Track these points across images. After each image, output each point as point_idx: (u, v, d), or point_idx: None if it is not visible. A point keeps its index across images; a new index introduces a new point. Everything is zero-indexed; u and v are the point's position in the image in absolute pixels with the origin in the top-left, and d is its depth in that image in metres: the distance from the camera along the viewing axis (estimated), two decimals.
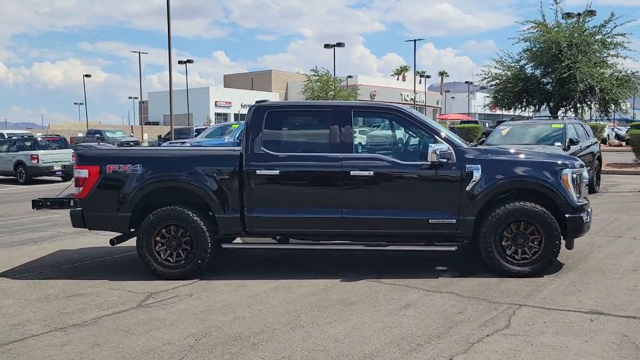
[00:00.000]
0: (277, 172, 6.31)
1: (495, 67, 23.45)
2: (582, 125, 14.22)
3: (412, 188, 6.31)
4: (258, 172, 6.32)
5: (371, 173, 6.24)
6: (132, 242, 7.09)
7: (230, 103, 71.18)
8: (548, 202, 6.24)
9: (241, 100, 71.86)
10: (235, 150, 6.65)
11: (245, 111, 63.73)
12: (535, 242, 6.21)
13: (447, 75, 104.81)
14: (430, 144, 6.15)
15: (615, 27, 21.57)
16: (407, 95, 72.30)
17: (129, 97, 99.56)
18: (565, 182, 6.23)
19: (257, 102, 6.78)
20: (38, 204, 6.94)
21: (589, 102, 22.56)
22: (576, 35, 21.57)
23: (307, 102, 13.80)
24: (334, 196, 6.32)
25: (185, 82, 62.77)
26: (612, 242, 8.00)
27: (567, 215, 6.21)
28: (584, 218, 6.32)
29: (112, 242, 6.76)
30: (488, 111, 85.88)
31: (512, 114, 26.91)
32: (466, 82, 77.30)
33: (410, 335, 4.56)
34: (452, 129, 29.57)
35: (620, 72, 22.13)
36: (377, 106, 7.09)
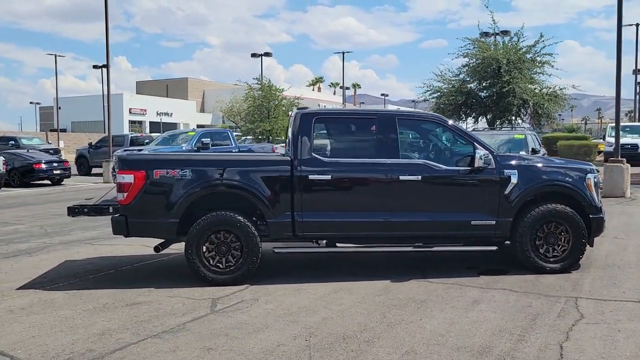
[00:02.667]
0: (329, 177, 6.45)
1: (437, 81, 24.72)
2: (535, 136, 15.35)
3: (456, 192, 6.68)
4: (310, 177, 6.43)
5: (419, 178, 6.53)
6: (131, 249, 6.98)
7: (145, 111, 68.87)
8: (573, 203, 6.80)
9: (157, 108, 69.79)
10: (284, 156, 6.72)
11: (166, 119, 61.30)
12: (564, 241, 6.76)
13: (360, 87, 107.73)
14: (476, 150, 6.54)
15: (544, 47, 23.45)
16: (325, 106, 73.38)
17: (31, 102, 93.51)
18: (588, 186, 6.84)
19: (298, 109, 6.89)
20: (74, 211, 6.61)
21: (522, 116, 24.31)
22: (512, 52, 23.19)
23: (352, 109, 14.03)
24: (382, 200, 6.55)
25: (101, 88, 60.14)
26: (601, 242, 8.70)
27: (591, 216, 6.81)
28: (604, 218, 6.96)
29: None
30: None
31: None
32: (382, 95, 79.85)
33: (505, 327, 4.87)
34: None
35: (549, 89, 24.04)
36: (420, 114, 7.48)
